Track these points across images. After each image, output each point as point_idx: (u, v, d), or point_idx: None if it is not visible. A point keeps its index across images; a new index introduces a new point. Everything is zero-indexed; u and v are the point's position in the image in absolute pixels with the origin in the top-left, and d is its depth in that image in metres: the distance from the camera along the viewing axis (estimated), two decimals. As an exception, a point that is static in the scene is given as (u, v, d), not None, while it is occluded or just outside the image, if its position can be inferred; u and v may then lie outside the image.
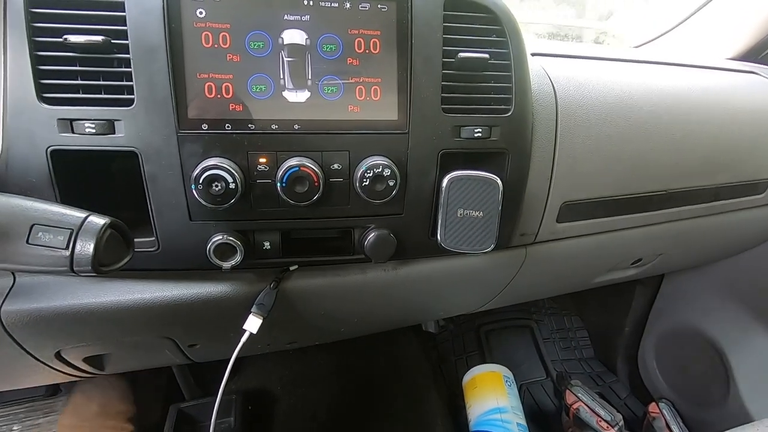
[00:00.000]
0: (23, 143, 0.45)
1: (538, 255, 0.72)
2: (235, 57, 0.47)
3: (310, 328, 0.73)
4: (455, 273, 0.68)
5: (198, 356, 0.71)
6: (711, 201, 0.84)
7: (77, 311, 0.53)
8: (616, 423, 1.06)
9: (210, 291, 0.57)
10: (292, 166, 0.49)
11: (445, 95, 0.53)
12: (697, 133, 0.74)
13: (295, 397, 1.17)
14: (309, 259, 0.58)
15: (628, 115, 0.67)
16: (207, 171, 0.46)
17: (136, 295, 0.54)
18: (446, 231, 0.56)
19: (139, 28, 0.45)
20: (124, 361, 0.74)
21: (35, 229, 0.34)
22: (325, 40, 0.48)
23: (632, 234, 0.79)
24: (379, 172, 0.51)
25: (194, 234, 0.51)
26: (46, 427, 0.97)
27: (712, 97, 0.77)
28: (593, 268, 0.90)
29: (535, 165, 0.62)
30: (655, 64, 0.81)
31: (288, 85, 0.49)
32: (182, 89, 0.46)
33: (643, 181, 0.73)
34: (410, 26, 0.50)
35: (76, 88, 0.45)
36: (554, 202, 0.66)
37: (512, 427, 1.06)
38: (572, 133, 0.64)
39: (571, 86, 0.65)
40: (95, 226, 0.35)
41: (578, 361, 1.47)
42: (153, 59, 0.45)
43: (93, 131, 0.45)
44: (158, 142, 0.47)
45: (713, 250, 1.06)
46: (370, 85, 0.50)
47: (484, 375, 1.18)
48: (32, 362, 0.58)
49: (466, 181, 0.54)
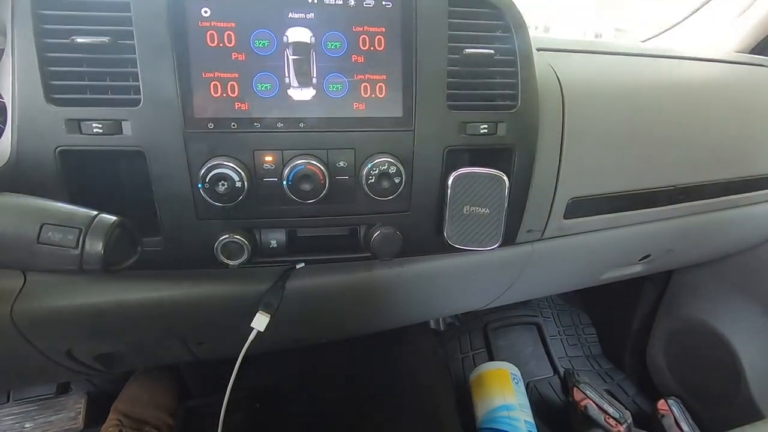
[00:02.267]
0: (32, 144, 0.46)
1: (545, 252, 0.72)
2: (241, 56, 0.47)
3: (316, 325, 0.74)
4: (461, 270, 0.68)
5: (206, 354, 0.72)
6: (721, 196, 0.83)
7: (87, 310, 0.54)
8: (624, 420, 1.05)
9: (217, 290, 0.57)
10: (297, 165, 0.49)
11: (450, 92, 0.53)
12: (706, 127, 0.74)
13: (302, 394, 1.18)
14: (315, 257, 0.58)
15: (636, 109, 0.67)
16: (213, 170, 0.47)
17: (144, 294, 0.55)
18: (452, 228, 0.55)
19: (145, 28, 0.45)
20: (134, 360, 0.75)
21: (45, 228, 0.34)
22: (329, 37, 0.48)
23: (641, 230, 0.78)
24: (384, 169, 0.51)
25: (201, 233, 0.51)
26: (57, 425, 0.99)
27: (721, 91, 0.76)
28: (601, 264, 0.90)
29: (542, 161, 0.61)
30: (663, 58, 0.80)
31: (293, 84, 0.49)
32: (188, 88, 0.47)
33: (652, 177, 0.72)
34: (415, 23, 0.50)
35: (83, 88, 0.46)
36: (561, 198, 0.66)
37: (520, 424, 1.06)
38: (579, 128, 0.63)
39: (577, 81, 0.64)
40: (104, 225, 0.36)
41: (586, 358, 1.46)
42: (159, 59, 0.45)
43: (100, 131, 0.46)
44: (165, 142, 0.47)
45: (723, 245, 1.05)
46: (375, 82, 0.50)
47: (491, 372, 1.18)
48: (43, 360, 0.59)
49: (472, 177, 0.54)
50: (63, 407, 1.01)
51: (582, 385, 1.14)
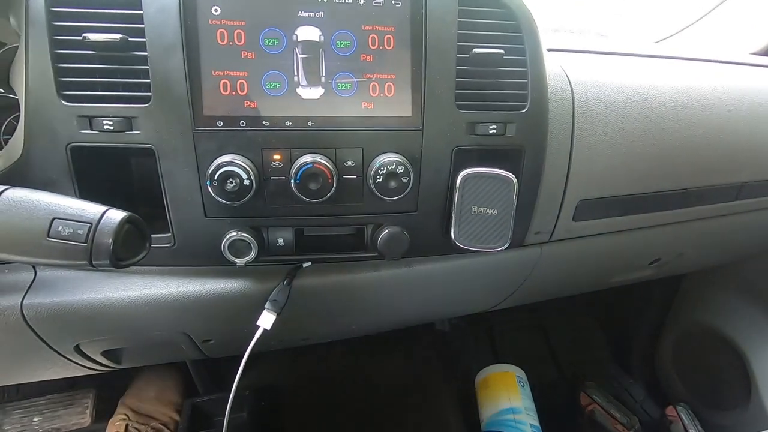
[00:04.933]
0: (44, 140, 0.46)
1: (553, 254, 0.71)
2: (250, 54, 0.47)
3: (322, 324, 0.74)
4: (469, 271, 0.67)
5: (212, 351, 0.72)
6: (733, 200, 0.81)
7: (96, 305, 0.54)
8: (632, 426, 1.04)
9: (224, 287, 0.57)
10: (305, 163, 0.49)
11: (459, 91, 0.52)
12: (719, 130, 0.72)
13: (308, 393, 1.18)
14: (322, 256, 0.58)
15: (647, 111, 0.66)
16: (222, 168, 0.47)
17: (152, 291, 0.55)
18: (460, 229, 0.55)
19: (156, 26, 0.45)
20: (141, 355, 0.75)
21: (56, 223, 0.34)
22: (339, 36, 0.48)
23: (651, 233, 0.77)
24: (392, 169, 0.50)
25: (209, 230, 0.52)
26: (65, 419, 1.00)
27: (734, 94, 0.75)
28: (610, 267, 0.89)
29: (551, 162, 0.61)
30: (675, 60, 0.79)
31: (302, 82, 0.49)
32: (198, 86, 0.47)
33: (663, 179, 0.71)
34: (425, 22, 0.50)
35: (94, 85, 0.46)
36: (570, 200, 0.65)
37: (525, 428, 1.05)
38: (589, 129, 0.62)
39: (588, 82, 0.64)
40: (114, 221, 0.36)
41: (593, 362, 1.44)
42: (169, 57, 0.46)
43: (111, 128, 0.46)
44: (174, 139, 0.47)
45: (735, 249, 1.03)
46: (384, 81, 0.50)
47: (496, 375, 1.17)
48: (52, 355, 0.60)
49: (480, 178, 0.53)
50: (71, 402, 1.02)
51: (589, 389, 1.13)
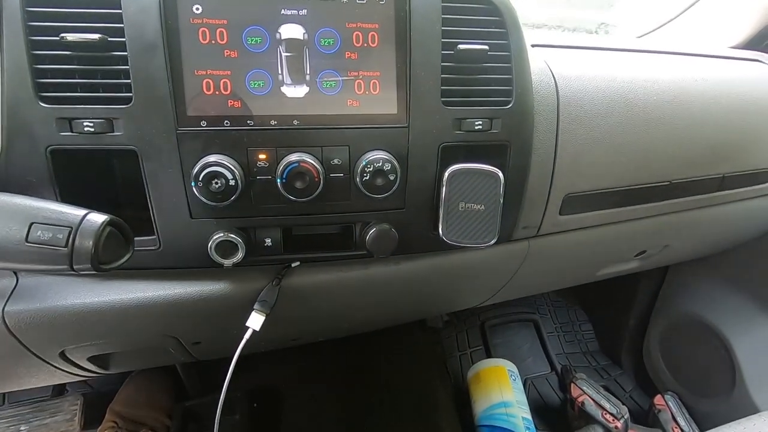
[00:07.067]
0: (23, 142, 0.45)
1: (541, 248, 0.72)
2: (233, 53, 0.47)
3: (313, 324, 0.73)
4: (458, 267, 0.68)
5: (202, 354, 0.71)
6: (715, 191, 0.83)
7: (80, 311, 0.53)
8: (621, 416, 1.05)
9: (212, 289, 0.57)
10: (291, 162, 0.48)
11: (444, 88, 0.52)
12: (701, 122, 0.74)
13: (300, 393, 1.18)
14: (311, 255, 0.58)
15: (631, 105, 0.67)
16: (207, 168, 0.46)
17: (138, 294, 0.54)
18: (448, 225, 0.55)
19: (136, 25, 0.44)
20: (129, 360, 0.74)
21: (34, 227, 0.34)
22: (323, 34, 0.48)
23: (636, 225, 0.79)
24: (379, 166, 0.50)
25: (195, 232, 0.51)
26: (53, 427, 0.98)
27: (715, 87, 0.76)
28: (597, 260, 0.90)
29: (537, 157, 0.61)
30: (658, 54, 0.80)
31: (286, 81, 0.48)
32: (180, 86, 0.46)
33: (647, 172, 0.72)
34: (409, 19, 0.49)
35: (74, 86, 0.45)
36: (557, 194, 0.66)
37: (517, 421, 1.06)
38: (574, 124, 0.63)
39: (572, 77, 0.64)
40: (94, 224, 0.35)
41: (583, 354, 1.46)
42: (150, 57, 0.45)
43: (92, 130, 0.45)
44: (157, 140, 0.47)
45: (718, 240, 1.06)
46: (369, 79, 0.50)
47: (488, 369, 1.18)
48: (37, 362, 0.58)
49: (467, 174, 0.54)
50: (59, 409, 1.00)
51: (579, 381, 1.14)
